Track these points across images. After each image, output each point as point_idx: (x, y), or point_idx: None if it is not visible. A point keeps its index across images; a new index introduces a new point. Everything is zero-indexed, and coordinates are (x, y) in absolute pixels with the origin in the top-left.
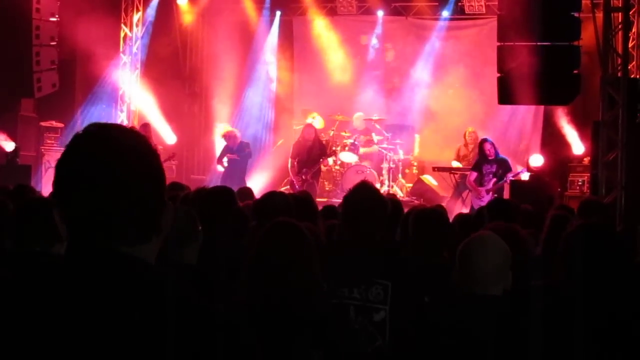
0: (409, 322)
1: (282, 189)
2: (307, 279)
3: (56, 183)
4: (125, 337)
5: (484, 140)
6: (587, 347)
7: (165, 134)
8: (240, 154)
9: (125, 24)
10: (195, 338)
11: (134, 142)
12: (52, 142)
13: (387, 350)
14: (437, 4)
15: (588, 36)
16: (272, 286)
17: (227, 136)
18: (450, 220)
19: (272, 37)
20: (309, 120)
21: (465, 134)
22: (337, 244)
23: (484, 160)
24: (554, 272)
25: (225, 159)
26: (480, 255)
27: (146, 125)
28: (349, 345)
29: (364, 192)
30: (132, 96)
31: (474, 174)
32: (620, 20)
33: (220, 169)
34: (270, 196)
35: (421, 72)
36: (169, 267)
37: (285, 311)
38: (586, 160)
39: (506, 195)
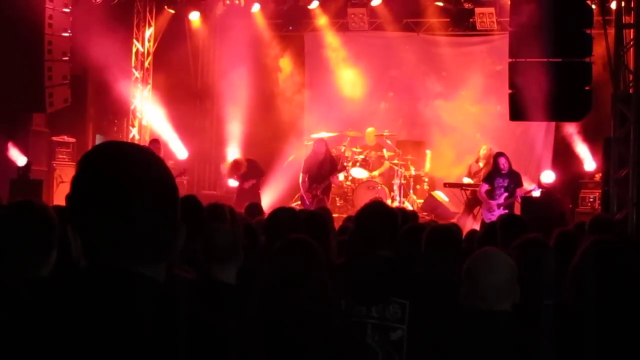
0: (426, 341)
1: (293, 205)
2: (320, 295)
3: (71, 201)
4: (136, 355)
5: (499, 155)
6: None
7: (177, 149)
8: (256, 177)
9: (137, 39)
10: (206, 355)
11: (149, 161)
12: (64, 156)
13: None
14: (448, 20)
15: (599, 53)
16: (284, 303)
17: (234, 167)
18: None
19: (283, 53)
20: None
21: (479, 151)
22: (352, 261)
23: (497, 174)
24: (565, 290)
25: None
26: (486, 270)
27: (156, 141)
28: None
29: (375, 210)
30: (143, 111)
31: (486, 186)
32: (631, 37)
33: (231, 183)
34: (278, 212)
35: (432, 88)
36: (211, 286)
37: (298, 328)
38: (597, 176)
39: (517, 211)
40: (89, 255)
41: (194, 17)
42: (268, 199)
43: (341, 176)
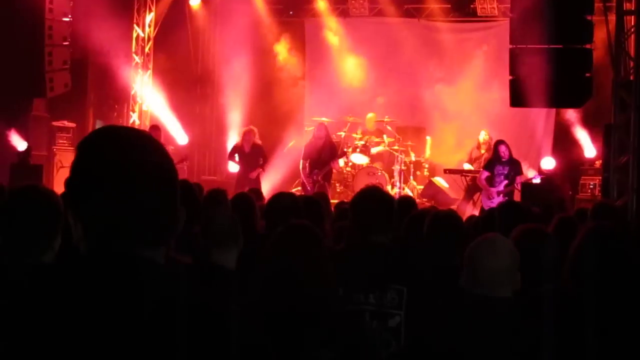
0: (424, 327)
1: (293, 190)
2: (321, 281)
3: (70, 185)
4: (140, 338)
5: (500, 142)
6: (599, 350)
7: (177, 134)
8: (261, 163)
9: (138, 25)
10: (208, 339)
11: (147, 145)
12: (64, 142)
13: (401, 355)
14: (449, 6)
15: (600, 39)
16: (285, 289)
17: (244, 134)
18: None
19: (284, 39)
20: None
21: (479, 137)
22: (349, 248)
23: (497, 161)
24: (564, 275)
25: (236, 157)
26: (487, 256)
27: (156, 127)
28: (363, 350)
29: (371, 196)
30: (143, 97)
31: (486, 174)
32: (632, 24)
33: (231, 168)
34: (279, 197)
35: (433, 74)
36: (211, 271)
37: (298, 314)
38: (598, 163)
39: (517, 197)
40: (89, 239)
41: (195, 2)
42: (268, 185)
43: (341, 162)
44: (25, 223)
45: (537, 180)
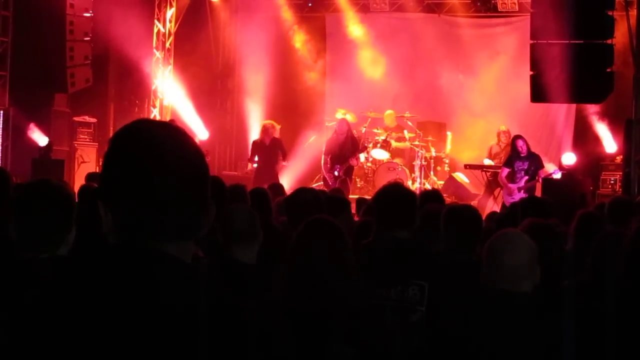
0: (445, 322)
1: (314, 186)
2: (344, 276)
3: (101, 177)
4: (159, 334)
5: (517, 137)
6: (620, 345)
7: (198, 129)
8: (280, 154)
9: (159, 20)
10: (228, 336)
11: (176, 141)
12: (85, 137)
13: (423, 350)
14: (469, 1)
15: (621, 34)
16: (308, 284)
17: (265, 128)
18: (482, 218)
19: (305, 34)
20: (339, 116)
21: (498, 133)
22: (372, 243)
23: (516, 157)
24: (587, 270)
25: (255, 157)
26: (507, 251)
27: (173, 122)
28: (384, 345)
29: (394, 192)
30: (164, 92)
31: (506, 170)
32: None
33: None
34: (300, 192)
35: (453, 69)
36: (231, 266)
37: (320, 310)
38: (619, 158)
39: (538, 193)
40: (118, 230)
41: None
42: (289, 180)
43: (362, 157)
44: (38, 217)
45: (557, 176)
